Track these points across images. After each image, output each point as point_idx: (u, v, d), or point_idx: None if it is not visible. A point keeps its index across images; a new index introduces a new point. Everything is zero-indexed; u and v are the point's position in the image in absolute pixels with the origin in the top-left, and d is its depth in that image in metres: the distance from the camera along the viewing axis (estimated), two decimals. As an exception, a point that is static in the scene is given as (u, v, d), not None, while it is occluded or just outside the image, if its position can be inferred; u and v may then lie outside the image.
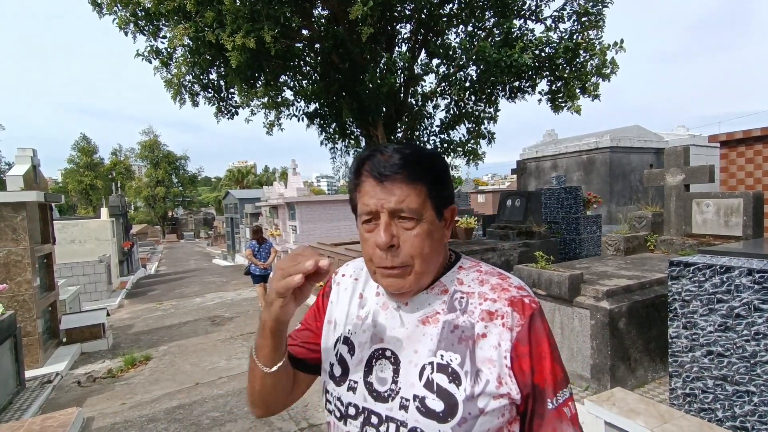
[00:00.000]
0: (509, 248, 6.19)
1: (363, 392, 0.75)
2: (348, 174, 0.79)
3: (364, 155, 0.75)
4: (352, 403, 0.77)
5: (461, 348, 0.71)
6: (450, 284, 0.78)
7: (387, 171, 0.70)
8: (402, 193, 0.70)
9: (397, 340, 0.76)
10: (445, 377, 0.70)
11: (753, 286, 2.24)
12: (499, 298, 0.73)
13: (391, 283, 0.73)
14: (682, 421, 2.26)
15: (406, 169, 0.71)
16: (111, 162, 37.61)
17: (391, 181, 0.70)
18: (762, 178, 5.63)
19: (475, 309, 0.73)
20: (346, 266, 0.95)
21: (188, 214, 44.71)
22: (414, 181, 0.71)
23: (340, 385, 0.79)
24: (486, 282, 0.76)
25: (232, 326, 6.58)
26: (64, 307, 6.21)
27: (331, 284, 0.92)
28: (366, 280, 0.87)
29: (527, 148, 16.65)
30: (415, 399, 0.71)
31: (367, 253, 0.74)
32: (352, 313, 0.84)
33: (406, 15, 6.55)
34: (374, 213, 0.71)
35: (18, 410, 3.69)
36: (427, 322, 0.75)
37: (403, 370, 0.73)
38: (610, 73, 6.01)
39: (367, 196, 0.72)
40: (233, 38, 4.70)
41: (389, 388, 0.74)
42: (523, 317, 0.71)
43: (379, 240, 0.70)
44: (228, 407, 3.70)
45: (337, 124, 7.30)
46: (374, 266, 0.74)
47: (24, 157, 5.17)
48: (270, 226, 13.41)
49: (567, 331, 3.54)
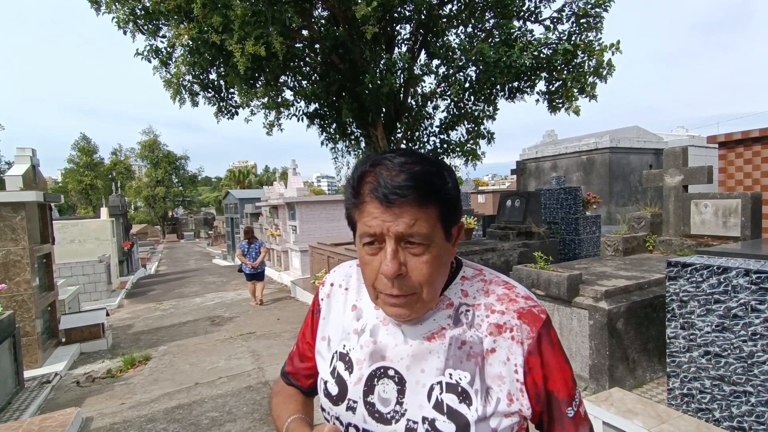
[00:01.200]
0: (509, 248, 6.19)
1: (363, 413, 0.71)
2: (346, 186, 0.70)
3: (365, 168, 0.66)
4: (352, 424, 0.72)
5: (470, 365, 0.68)
6: (455, 297, 0.73)
7: (394, 195, 0.62)
8: (411, 217, 0.62)
9: (401, 359, 0.71)
10: (455, 397, 0.67)
11: (750, 286, 2.24)
12: (507, 310, 0.70)
13: (396, 312, 0.68)
14: (680, 421, 2.27)
15: (416, 191, 0.62)
16: (111, 162, 37.58)
17: (398, 206, 0.62)
18: (760, 179, 5.64)
19: (482, 322, 0.70)
20: (333, 273, 0.88)
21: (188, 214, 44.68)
22: (424, 204, 0.63)
23: (337, 405, 0.74)
24: (492, 292, 0.73)
25: (232, 326, 6.58)
26: (63, 307, 6.21)
27: (319, 300, 0.86)
28: (358, 289, 0.82)
29: (527, 149, 16.66)
30: (425, 421, 0.66)
31: (369, 278, 0.68)
32: (347, 327, 0.79)
33: (406, 16, 6.56)
34: (378, 236, 0.64)
35: (17, 410, 3.69)
36: (432, 338, 0.70)
37: (410, 390, 0.69)
38: (607, 74, 6.02)
39: (370, 218, 0.64)
40: (242, 45, 4.69)
41: (393, 410, 0.69)
42: (534, 330, 0.68)
43: (386, 269, 0.63)
44: (227, 407, 3.71)
45: (337, 125, 7.31)
46: (377, 292, 0.68)
47: (23, 156, 5.17)
48: (270, 226, 13.41)
49: (566, 331, 3.55)
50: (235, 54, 4.75)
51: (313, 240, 9.99)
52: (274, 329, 6.27)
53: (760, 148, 5.64)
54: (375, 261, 0.66)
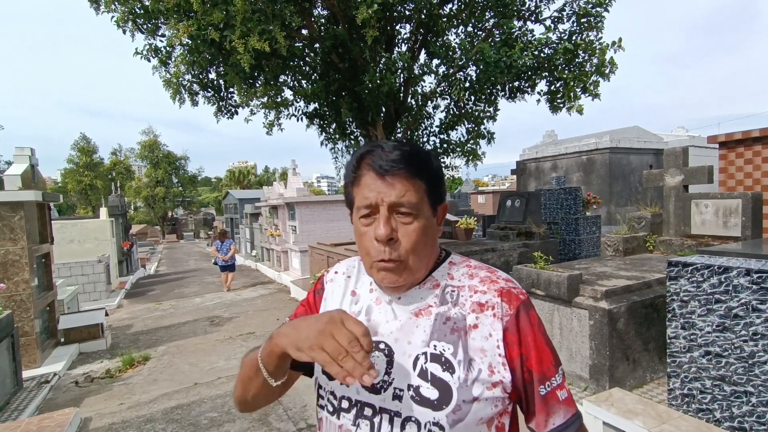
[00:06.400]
0: (509, 249, 6.18)
1: (356, 385, 0.74)
2: (347, 167, 0.80)
3: (363, 150, 0.76)
4: (345, 396, 0.77)
5: (453, 338, 0.73)
6: (441, 279, 0.80)
7: (388, 165, 0.71)
8: (403, 187, 0.71)
9: (391, 333, 0.77)
10: (439, 366, 0.71)
11: (751, 286, 2.23)
12: (488, 290, 0.76)
13: (386, 276, 0.74)
14: (680, 421, 2.26)
15: (407, 164, 0.72)
16: (111, 162, 37.51)
17: (392, 176, 0.71)
18: (761, 178, 5.63)
19: (466, 301, 0.76)
20: (339, 264, 0.96)
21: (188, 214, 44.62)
22: (414, 176, 0.73)
23: (333, 379, 0.79)
24: (475, 276, 0.79)
25: (231, 326, 6.57)
26: (62, 307, 6.20)
27: (323, 281, 0.93)
28: (358, 277, 0.89)
29: (527, 149, 16.66)
30: (410, 388, 0.72)
31: (364, 247, 0.75)
32: (346, 309, 0.84)
33: (406, 15, 6.54)
34: (373, 206, 0.72)
35: (15, 410, 3.68)
36: (420, 314, 0.77)
37: (397, 361, 0.74)
38: (609, 72, 6.01)
39: (366, 189, 0.73)
40: (245, 40, 4.66)
41: (382, 380, 0.74)
42: (512, 307, 0.74)
43: (379, 233, 0.71)
44: (226, 407, 3.69)
45: (337, 124, 7.29)
46: (371, 260, 0.74)
47: (22, 156, 5.16)
48: (270, 227, 13.41)
49: (566, 331, 3.54)
50: (238, 49, 4.71)
51: (312, 240, 9.98)
52: (273, 329, 6.25)
53: (760, 147, 5.64)
54: (370, 231, 0.73)
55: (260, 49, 4.69)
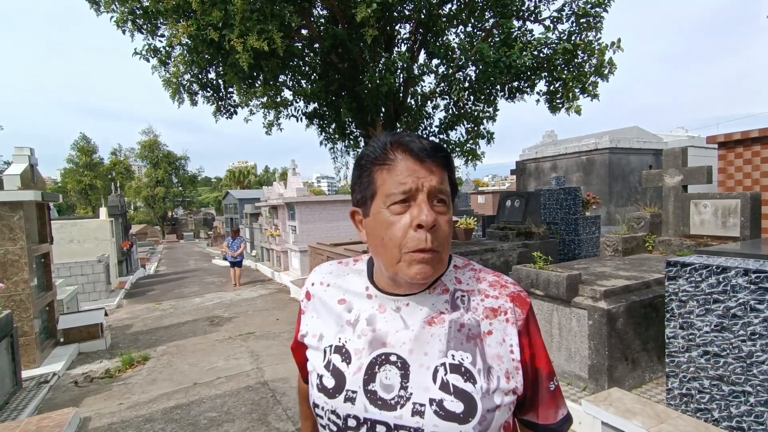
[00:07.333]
0: (508, 249, 6.18)
1: (363, 402, 0.70)
2: (368, 156, 0.73)
3: (390, 139, 0.72)
4: (352, 415, 0.71)
5: (470, 346, 0.71)
6: (450, 284, 0.77)
7: (428, 151, 0.70)
8: (441, 174, 0.71)
9: (403, 344, 0.72)
10: (460, 377, 0.69)
11: (749, 286, 2.24)
12: (500, 295, 0.75)
13: (422, 270, 0.68)
14: (679, 421, 2.27)
15: (443, 153, 0.71)
16: (110, 162, 37.51)
17: (431, 162, 0.70)
18: (760, 179, 5.63)
19: (478, 306, 0.74)
20: (313, 274, 0.90)
21: (188, 214, 44.60)
22: (446, 167, 0.73)
23: (333, 397, 0.73)
24: (483, 279, 0.78)
25: (231, 326, 6.57)
26: (61, 307, 6.20)
27: (302, 306, 0.89)
28: (340, 283, 0.83)
29: (527, 149, 16.65)
30: (432, 403, 0.67)
31: (395, 237, 0.68)
32: (339, 320, 0.79)
33: (405, 15, 6.55)
34: (412, 192, 0.68)
35: (14, 410, 3.69)
36: (432, 323, 0.73)
37: (414, 374, 0.70)
38: (608, 73, 6.01)
39: (403, 174, 0.68)
40: (244, 40, 4.66)
41: (397, 395, 0.69)
42: (524, 312, 0.74)
43: (426, 218, 0.66)
44: (226, 407, 3.70)
45: (337, 124, 7.29)
46: (402, 252, 0.68)
47: (21, 156, 5.16)
48: (269, 227, 13.41)
49: (565, 331, 3.54)
50: (237, 48, 4.71)
51: (312, 240, 9.99)
52: (273, 329, 6.26)
53: (759, 148, 5.64)
54: (403, 219, 0.69)
55: (259, 49, 4.69)
